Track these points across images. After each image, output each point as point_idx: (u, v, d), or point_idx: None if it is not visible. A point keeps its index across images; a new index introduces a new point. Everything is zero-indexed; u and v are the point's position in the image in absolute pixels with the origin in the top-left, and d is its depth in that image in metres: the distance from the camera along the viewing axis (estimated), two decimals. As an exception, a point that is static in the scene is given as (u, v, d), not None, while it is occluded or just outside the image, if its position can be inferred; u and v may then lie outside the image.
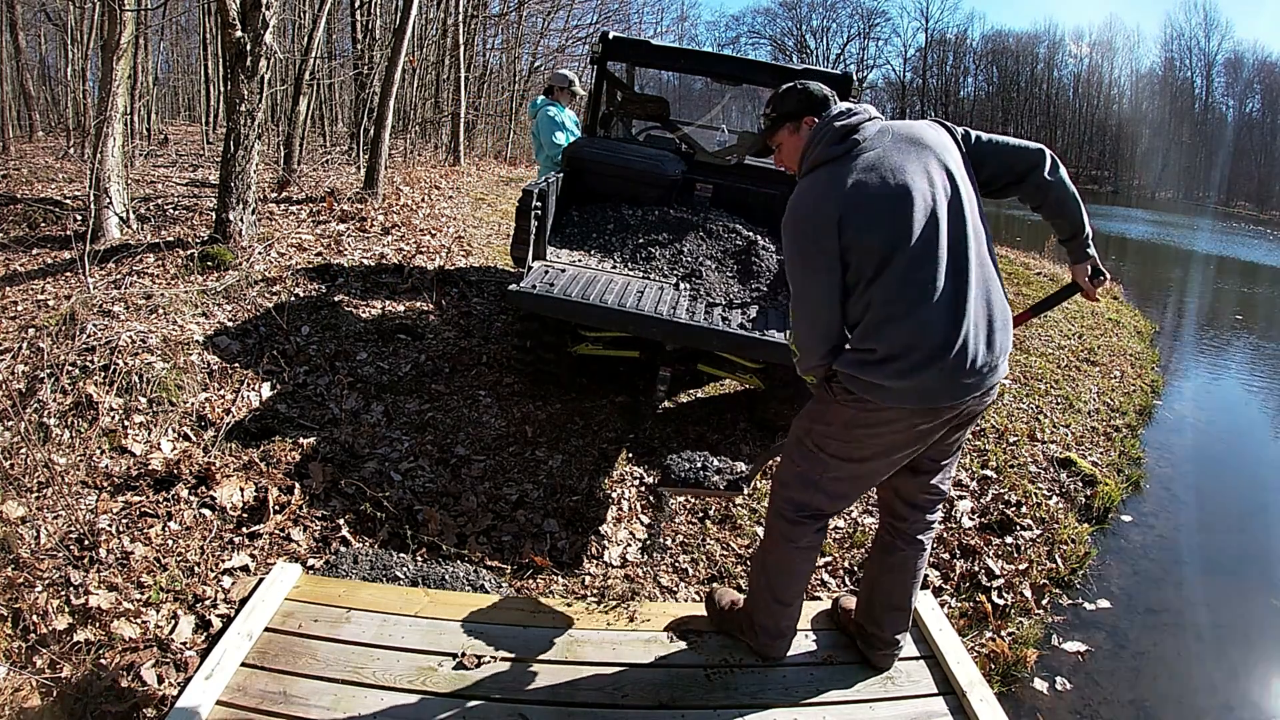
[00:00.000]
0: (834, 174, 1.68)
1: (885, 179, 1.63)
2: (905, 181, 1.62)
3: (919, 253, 1.59)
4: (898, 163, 1.64)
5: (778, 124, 1.85)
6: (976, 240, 1.66)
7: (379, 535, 2.69)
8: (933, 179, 1.64)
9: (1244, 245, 18.81)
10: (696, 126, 5.77)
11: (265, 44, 4.68)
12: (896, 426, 1.70)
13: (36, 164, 8.59)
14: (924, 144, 1.69)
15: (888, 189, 1.62)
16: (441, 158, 13.31)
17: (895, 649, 2.08)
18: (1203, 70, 44.92)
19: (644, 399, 3.95)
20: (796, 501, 1.90)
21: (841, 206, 1.63)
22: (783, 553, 1.96)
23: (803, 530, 1.91)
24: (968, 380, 1.63)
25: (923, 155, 1.67)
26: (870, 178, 1.64)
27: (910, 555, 1.98)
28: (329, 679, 1.91)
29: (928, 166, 1.65)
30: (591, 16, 20.41)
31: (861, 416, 1.71)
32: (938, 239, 1.60)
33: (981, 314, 1.64)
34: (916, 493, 1.94)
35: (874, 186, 1.63)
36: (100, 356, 3.19)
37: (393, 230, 6.38)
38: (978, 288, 1.63)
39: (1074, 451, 4.02)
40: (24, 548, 2.27)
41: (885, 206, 1.61)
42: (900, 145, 1.68)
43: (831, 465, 1.82)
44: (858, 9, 50.19)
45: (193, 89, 19.75)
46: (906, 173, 1.63)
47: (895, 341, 1.60)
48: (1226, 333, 8.60)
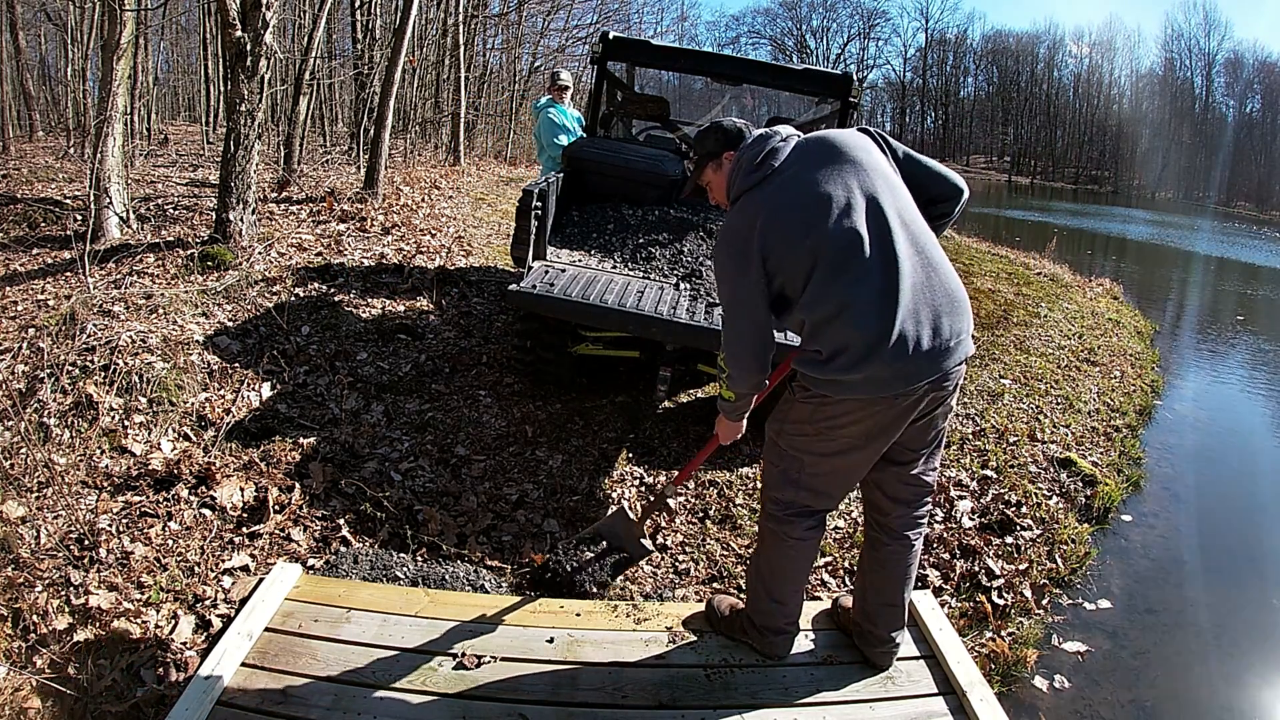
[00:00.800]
0: (754, 199, 1.77)
1: (801, 193, 1.71)
2: (822, 191, 1.69)
3: (842, 254, 1.65)
4: (813, 175, 1.72)
5: (702, 164, 1.94)
6: (907, 232, 1.70)
7: (379, 535, 2.69)
8: (849, 183, 1.70)
9: (1244, 247, 18.80)
10: (696, 126, 5.77)
11: (265, 44, 4.68)
12: (858, 416, 1.74)
13: (36, 164, 8.59)
14: (840, 150, 1.75)
15: (805, 201, 1.70)
16: (441, 158, 13.31)
17: (892, 645, 2.07)
18: (1203, 70, 44.97)
19: (644, 399, 3.95)
20: (782, 500, 1.93)
21: (763, 229, 1.71)
22: (776, 551, 1.97)
23: (793, 527, 1.93)
24: (914, 367, 1.65)
25: (839, 162, 1.73)
26: (787, 195, 1.72)
27: (898, 551, 1.98)
28: (329, 679, 1.91)
29: (844, 172, 1.72)
30: (591, 16, 20.42)
31: (822, 411, 1.76)
32: (860, 238, 1.65)
33: (922, 301, 1.67)
34: (897, 485, 1.94)
35: (791, 202, 1.71)
36: (100, 356, 3.19)
37: (393, 230, 6.38)
38: (913, 277, 1.66)
39: (1074, 451, 4.02)
40: (24, 548, 2.27)
41: (803, 218, 1.69)
42: (816, 157, 1.75)
43: (808, 462, 1.86)
44: (858, 9, 50.28)
45: (193, 89, 19.74)
46: (822, 182, 1.71)
47: (835, 340, 1.67)
48: (1226, 333, 8.60)
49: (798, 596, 2.05)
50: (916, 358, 1.64)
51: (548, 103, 4.97)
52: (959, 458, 3.76)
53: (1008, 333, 6.00)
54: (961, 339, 1.71)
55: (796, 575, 2.01)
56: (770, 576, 2.01)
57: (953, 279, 1.73)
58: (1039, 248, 10.61)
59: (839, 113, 4.35)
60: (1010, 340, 5.79)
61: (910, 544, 1.99)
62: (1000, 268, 9.11)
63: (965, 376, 4.74)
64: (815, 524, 1.95)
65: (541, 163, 5.05)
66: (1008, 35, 50.31)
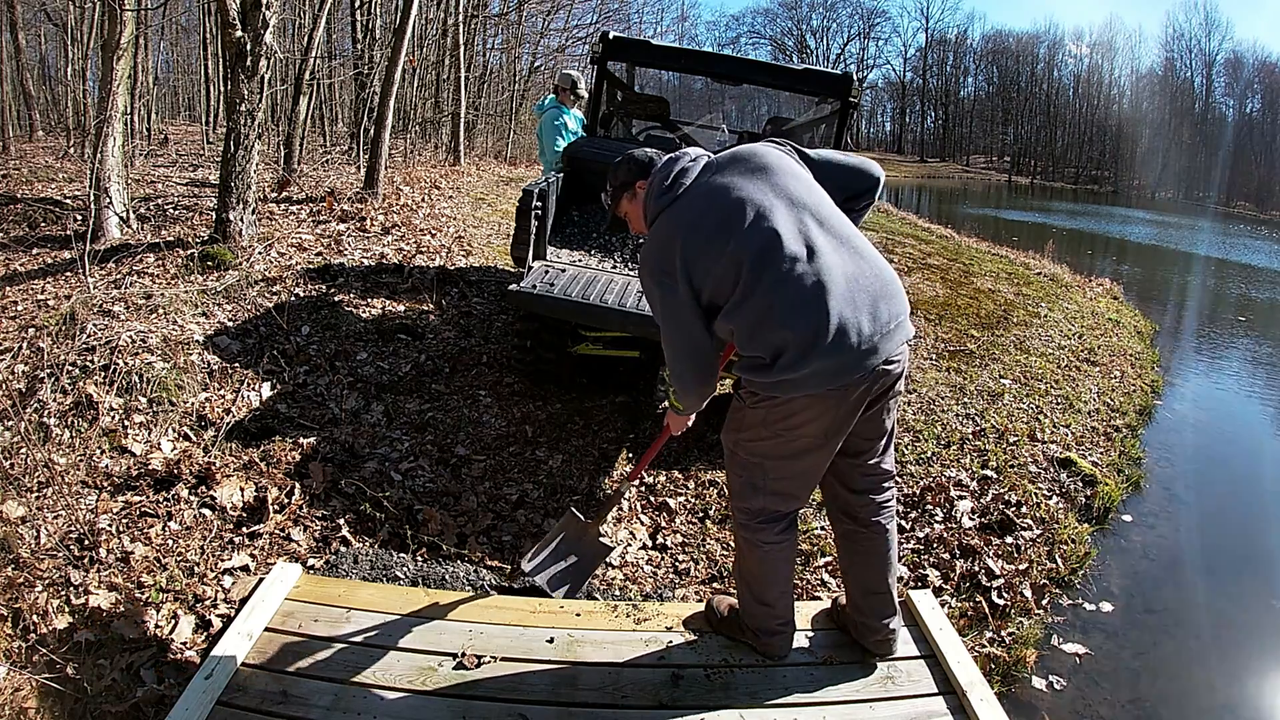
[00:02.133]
0: (668, 218, 1.79)
1: (715, 203, 1.74)
2: (735, 198, 1.72)
3: (764, 255, 1.67)
4: (724, 184, 1.75)
5: (617, 198, 1.97)
6: (826, 225, 1.72)
7: (379, 535, 2.69)
8: (761, 187, 1.73)
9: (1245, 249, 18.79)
10: (696, 126, 5.77)
11: (265, 44, 4.68)
12: (812, 414, 1.74)
13: (36, 164, 8.59)
14: (748, 159, 1.78)
15: (719, 210, 1.72)
16: (441, 158, 13.31)
17: (888, 633, 2.08)
18: (1203, 70, 44.98)
19: (644, 399, 3.95)
20: (750, 510, 1.93)
21: (682, 244, 1.73)
22: (753, 558, 1.98)
23: (764, 533, 1.93)
24: (858, 354, 1.66)
25: (748, 170, 1.76)
26: (700, 207, 1.75)
27: (872, 538, 1.99)
28: (329, 679, 1.91)
29: (754, 178, 1.75)
30: (591, 16, 20.45)
31: (775, 412, 1.76)
32: (779, 237, 1.67)
33: (856, 289, 1.68)
34: (858, 477, 1.95)
35: (706, 211, 1.74)
36: (100, 356, 3.19)
37: (393, 230, 6.38)
38: (841, 267, 1.68)
39: (1074, 451, 4.02)
40: (24, 548, 2.27)
41: (720, 226, 1.71)
42: (726, 170, 1.78)
43: (770, 467, 1.86)
44: (858, 9, 50.33)
45: (193, 89, 19.75)
46: (734, 190, 1.73)
47: (773, 341, 1.67)
48: (1227, 333, 8.60)
49: (786, 597, 2.04)
50: (859, 345, 1.65)
51: (553, 103, 4.96)
52: (959, 458, 3.76)
53: (1008, 333, 6.00)
54: (900, 321, 1.73)
55: (778, 578, 2.01)
56: (754, 582, 2.02)
57: (882, 265, 1.75)
58: (1038, 248, 10.61)
59: (839, 113, 4.35)
60: (1010, 340, 5.80)
61: (884, 529, 1.99)
62: (1000, 268, 9.11)
63: (965, 377, 4.76)
64: (786, 526, 1.96)
65: (543, 164, 5.06)
66: (1008, 35, 50.39)
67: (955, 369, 4.92)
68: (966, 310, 6.47)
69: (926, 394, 4.44)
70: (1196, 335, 8.42)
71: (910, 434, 3.94)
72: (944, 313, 6.23)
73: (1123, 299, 8.78)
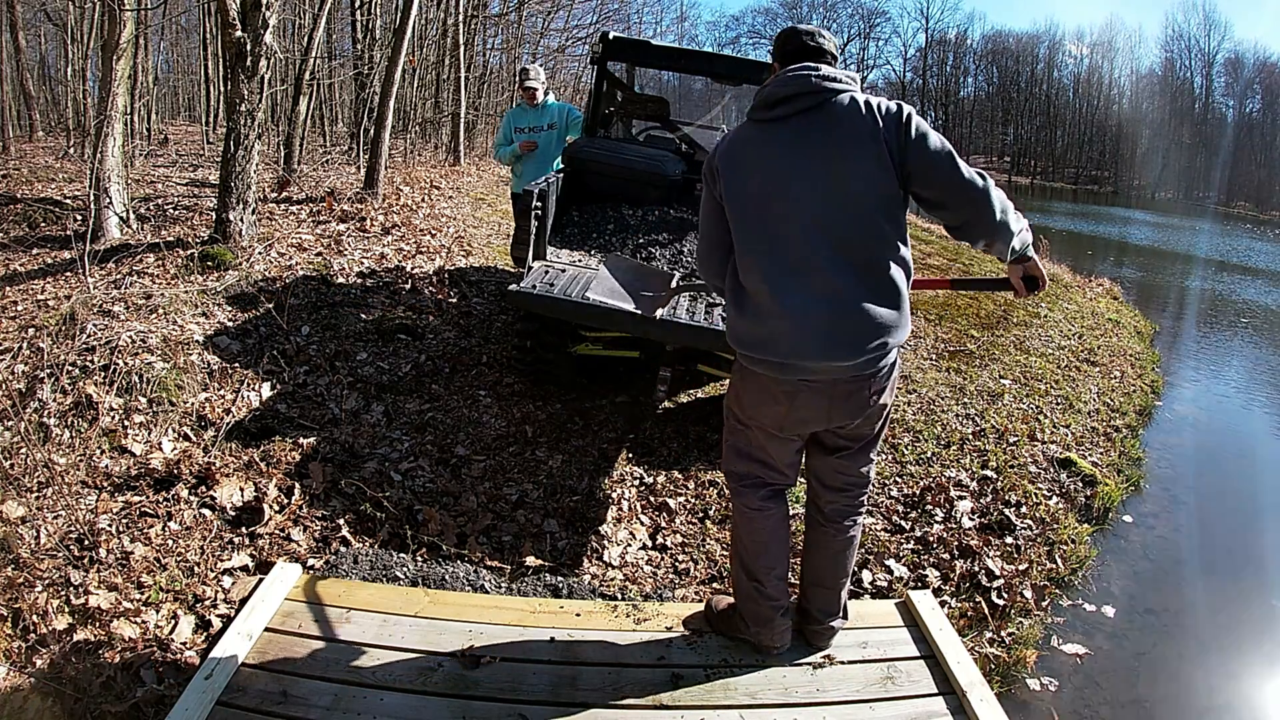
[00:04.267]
0: (741, 135, 1.83)
1: (764, 157, 1.75)
2: (778, 166, 1.73)
3: (779, 230, 1.72)
4: (797, 147, 1.72)
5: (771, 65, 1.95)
6: (847, 232, 1.70)
7: (379, 535, 2.69)
8: (812, 169, 1.70)
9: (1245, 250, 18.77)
10: (696, 126, 5.76)
11: (265, 44, 4.68)
12: (772, 394, 1.81)
13: (36, 164, 8.59)
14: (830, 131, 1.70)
15: (760, 168, 1.75)
16: (441, 158, 13.32)
17: (825, 629, 2.10)
18: (1203, 70, 44.97)
19: (644, 399, 3.95)
20: (735, 473, 2.02)
21: (725, 167, 1.81)
22: (741, 526, 2.03)
23: (748, 497, 1.99)
24: (817, 355, 1.70)
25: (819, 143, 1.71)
26: (757, 152, 1.77)
27: (830, 534, 2.02)
28: (329, 679, 1.91)
29: (815, 155, 1.70)
30: (591, 16, 20.44)
31: (747, 381, 1.86)
32: (796, 222, 1.70)
33: (837, 297, 1.69)
34: (831, 473, 1.99)
35: (752, 162, 1.77)
36: (100, 356, 3.19)
37: (393, 230, 6.38)
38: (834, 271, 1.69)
39: (1074, 451, 4.02)
40: (24, 548, 2.27)
41: (761, 182, 1.75)
42: (804, 129, 1.72)
43: (745, 432, 1.95)
44: (858, 9, 50.33)
45: (193, 89, 19.75)
46: (796, 157, 1.72)
47: (748, 304, 1.78)
48: (1227, 334, 8.60)
49: (776, 576, 2.02)
50: (821, 345, 1.70)
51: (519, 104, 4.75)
52: (959, 458, 3.76)
53: (1008, 333, 6.00)
54: (869, 345, 1.70)
55: (767, 551, 2.01)
56: (744, 554, 2.04)
57: (881, 288, 1.70)
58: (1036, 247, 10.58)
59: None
60: (1010, 340, 5.80)
61: (843, 530, 2.02)
62: (1000, 268, 9.10)
63: (965, 377, 4.75)
64: (770, 495, 1.99)
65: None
66: (1008, 35, 50.40)
67: (955, 369, 4.92)
68: (966, 310, 6.47)
69: (926, 394, 4.44)
70: (1196, 336, 8.41)
71: (910, 434, 3.94)
72: (944, 313, 6.23)
73: (1122, 299, 8.78)
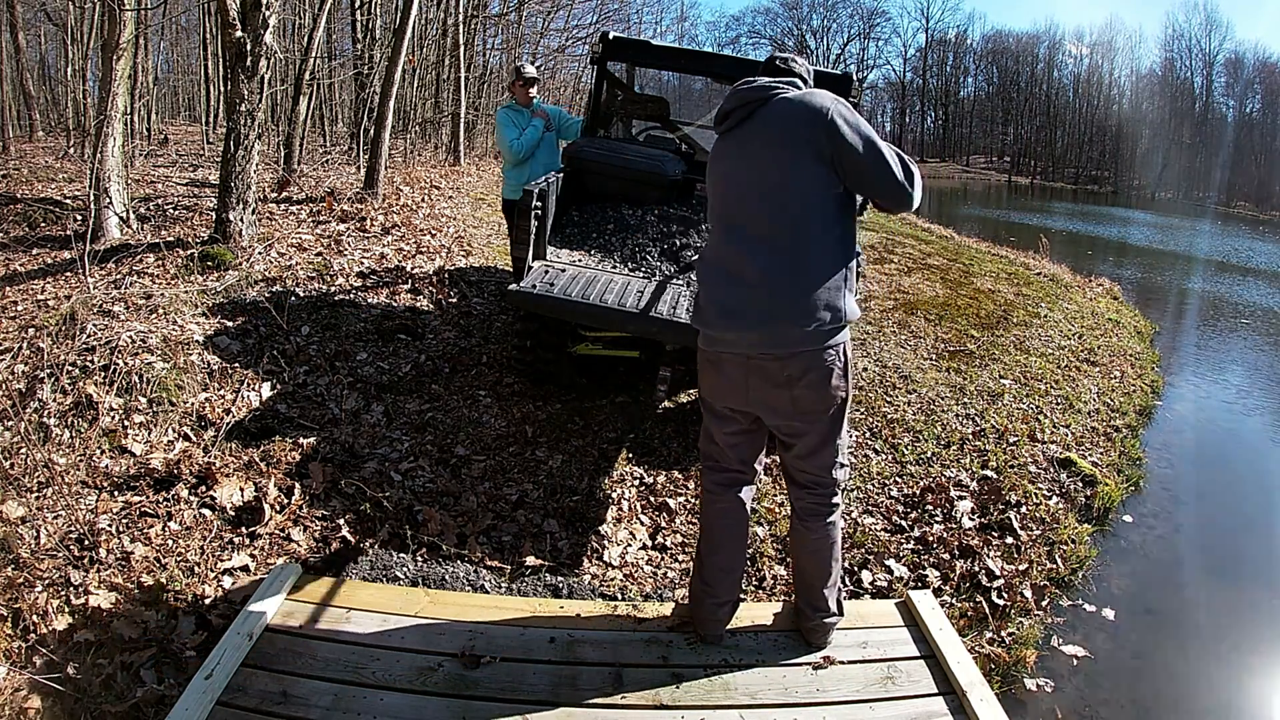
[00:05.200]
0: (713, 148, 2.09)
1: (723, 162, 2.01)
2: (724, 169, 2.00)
3: (722, 224, 2.00)
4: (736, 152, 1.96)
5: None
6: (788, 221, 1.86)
7: (379, 535, 2.69)
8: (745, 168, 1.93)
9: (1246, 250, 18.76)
10: (696, 126, 5.76)
11: (265, 44, 4.68)
12: (702, 363, 2.03)
13: (36, 164, 8.59)
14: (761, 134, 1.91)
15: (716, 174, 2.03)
16: (441, 158, 13.32)
17: (818, 626, 2.13)
18: (1203, 70, 44.96)
19: (644, 399, 3.94)
20: (702, 450, 2.19)
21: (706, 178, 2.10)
22: (703, 502, 2.19)
23: (707, 476, 2.17)
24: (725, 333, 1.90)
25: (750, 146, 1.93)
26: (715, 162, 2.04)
27: (805, 535, 2.07)
28: (329, 679, 1.91)
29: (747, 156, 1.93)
30: (591, 16, 20.43)
31: (701, 356, 2.04)
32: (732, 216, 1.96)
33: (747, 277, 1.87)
34: (792, 469, 2.07)
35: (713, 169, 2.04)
36: (100, 356, 3.19)
37: (393, 230, 6.38)
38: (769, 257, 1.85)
39: (1074, 451, 4.02)
40: (24, 548, 2.27)
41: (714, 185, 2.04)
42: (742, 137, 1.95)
43: (704, 412, 2.12)
44: (858, 9, 50.33)
45: (193, 89, 19.75)
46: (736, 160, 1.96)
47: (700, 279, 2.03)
48: (1227, 335, 8.60)
49: (716, 565, 2.13)
50: (728, 326, 1.89)
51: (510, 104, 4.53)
52: (959, 458, 3.76)
53: (1008, 333, 6.00)
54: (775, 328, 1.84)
55: (710, 534, 2.14)
56: (702, 531, 2.20)
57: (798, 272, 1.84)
58: (1034, 248, 10.58)
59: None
60: (1010, 340, 5.79)
61: (815, 529, 2.06)
62: (1000, 268, 9.11)
63: (965, 377, 4.75)
64: (724, 481, 2.12)
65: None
66: (1008, 35, 50.39)
67: (955, 369, 4.92)
68: (966, 310, 6.47)
69: (926, 394, 4.44)
70: (1196, 336, 8.41)
71: (910, 434, 3.94)
72: (944, 313, 6.23)
73: (1122, 299, 8.78)
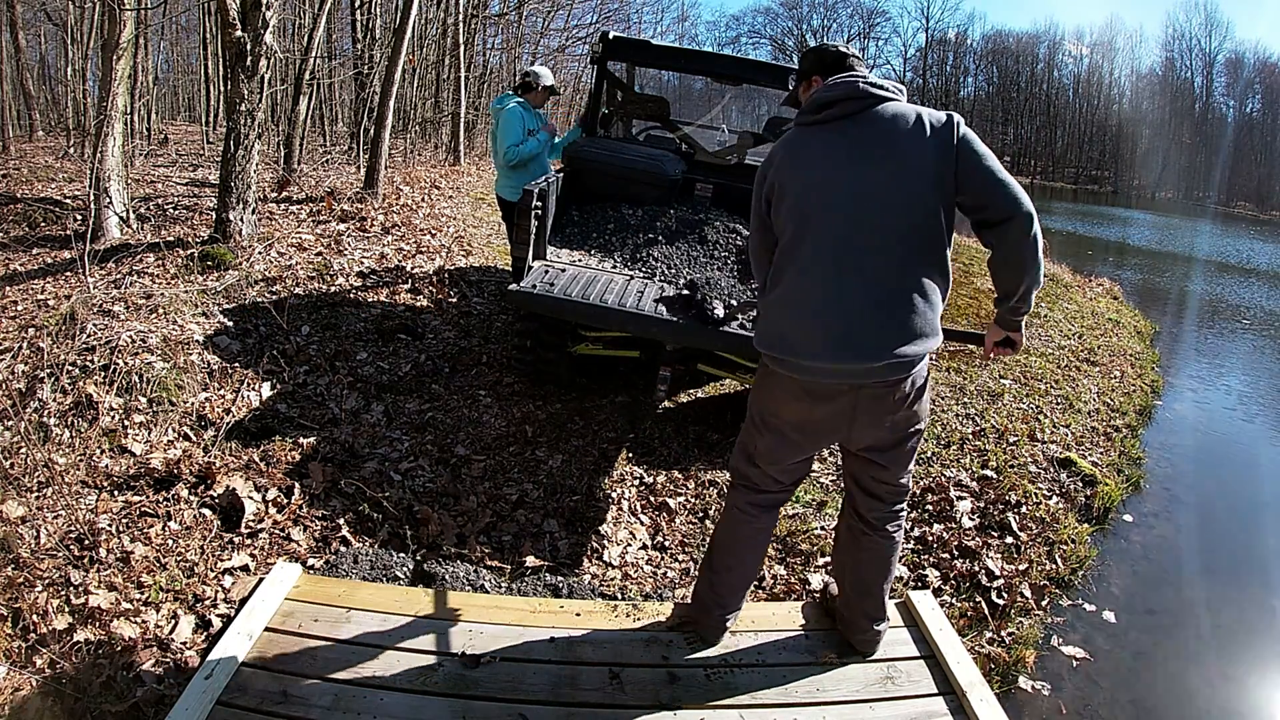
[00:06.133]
0: (793, 139, 1.83)
1: (816, 159, 1.76)
2: (832, 166, 1.73)
3: (812, 232, 1.73)
4: (838, 150, 1.74)
5: (799, 83, 1.99)
6: (891, 235, 1.69)
7: (379, 535, 2.69)
8: (849, 173, 1.71)
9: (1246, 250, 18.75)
10: (696, 126, 5.76)
11: (265, 44, 4.68)
12: (787, 395, 1.82)
13: (36, 164, 8.59)
14: (872, 137, 1.72)
15: (813, 169, 1.75)
16: (441, 158, 13.32)
17: (874, 634, 2.12)
18: (1203, 70, 44.97)
19: (644, 399, 3.95)
20: (736, 470, 2.05)
21: (777, 171, 1.81)
22: (724, 516, 2.09)
23: (737, 496, 2.05)
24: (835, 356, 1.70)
25: (858, 147, 1.72)
26: (807, 154, 1.77)
27: (877, 543, 2.02)
28: (329, 679, 1.91)
29: (854, 159, 1.72)
30: (591, 16, 20.44)
31: (769, 379, 1.87)
32: (829, 225, 1.71)
33: (869, 304, 1.69)
34: (870, 481, 1.98)
35: (803, 163, 1.77)
36: (100, 356, 3.19)
37: (393, 230, 6.38)
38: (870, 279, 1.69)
39: (1074, 451, 4.02)
40: (24, 548, 2.27)
41: (803, 181, 1.76)
42: (856, 131, 1.74)
43: (758, 435, 1.94)
44: (858, 9, 50.31)
45: (193, 89, 19.75)
46: (837, 160, 1.73)
47: (775, 310, 1.79)
48: (1227, 335, 8.59)
49: (735, 575, 2.09)
50: (835, 354, 1.69)
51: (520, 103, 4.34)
52: (959, 458, 3.76)
53: (1008, 333, 5.99)
54: (888, 354, 1.69)
55: (733, 548, 2.07)
56: (717, 545, 2.11)
57: (907, 294, 1.70)
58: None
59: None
60: (1010, 340, 5.78)
61: (888, 536, 2.02)
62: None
63: (965, 377, 4.75)
64: (759, 503, 2.03)
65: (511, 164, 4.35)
66: (1008, 35, 50.39)
67: (955, 369, 4.92)
68: (966, 310, 6.47)
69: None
70: (1197, 336, 8.41)
71: (910, 434, 3.93)
72: (944, 312, 6.23)
73: (1123, 299, 8.77)
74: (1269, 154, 41.44)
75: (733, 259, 3.77)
